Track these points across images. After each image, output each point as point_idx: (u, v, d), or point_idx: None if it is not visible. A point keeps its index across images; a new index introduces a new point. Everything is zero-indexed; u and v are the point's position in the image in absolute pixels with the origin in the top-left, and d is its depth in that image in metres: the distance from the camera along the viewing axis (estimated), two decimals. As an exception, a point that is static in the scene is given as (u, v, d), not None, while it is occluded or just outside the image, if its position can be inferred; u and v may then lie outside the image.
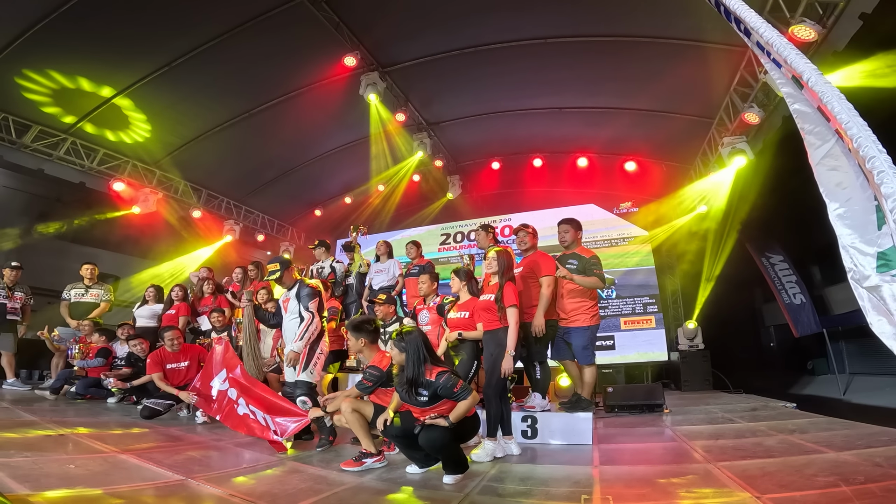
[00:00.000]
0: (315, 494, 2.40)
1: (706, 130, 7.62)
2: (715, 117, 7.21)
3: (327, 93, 7.50)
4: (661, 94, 7.14)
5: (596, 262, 4.09)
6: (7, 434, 3.19)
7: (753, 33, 1.90)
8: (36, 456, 2.66)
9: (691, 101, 7.25)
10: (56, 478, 2.26)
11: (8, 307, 5.83)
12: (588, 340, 4.03)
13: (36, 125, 7.40)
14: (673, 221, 8.79)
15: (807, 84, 1.67)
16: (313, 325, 3.70)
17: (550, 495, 2.50)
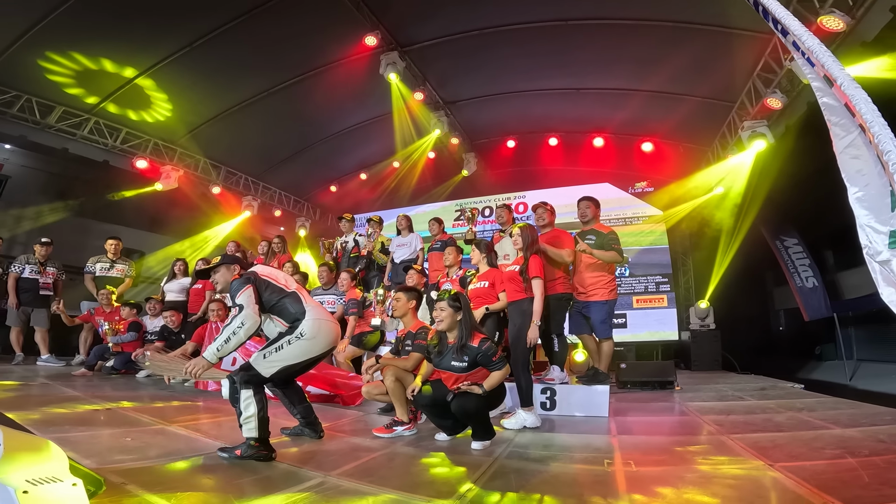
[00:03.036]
0: (354, 459, 2.58)
1: (726, 113, 7.62)
2: (736, 101, 7.20)
3: (344, 72, 7.57)
4: (680, 76, 7.13)
5: (614, 237, 4.23)
6: (57, 410, 3.36)
7: (791, 34, 2.03)
8: (91, 430, 2.84)
9: (711, 85, 7.23)
10: (117, 451, 2.43)
11: (40, 283, 5.99)
12: (606, 314, 4.17)
13: (59, 106, 7.54)
14: (689, 202, 8.83)
15: (838, 87, 1.84)
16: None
17: (574, 459, 2.68)
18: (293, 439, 2.97)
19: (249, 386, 2.58)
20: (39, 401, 3.66)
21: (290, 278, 2.99)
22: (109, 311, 6.02)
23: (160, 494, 1.81)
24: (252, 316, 2.59)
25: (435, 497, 1.98)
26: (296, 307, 2.76)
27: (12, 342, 5.93)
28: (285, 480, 2.16)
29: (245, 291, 2.63)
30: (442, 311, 3.00)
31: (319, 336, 2.75)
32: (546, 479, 2.32)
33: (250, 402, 2.55)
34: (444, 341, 3.07)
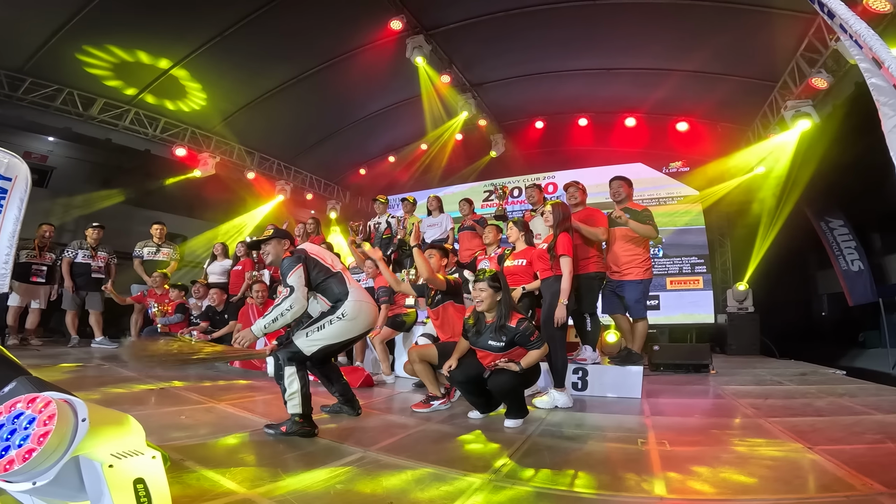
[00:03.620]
0: (391, 435, 2.67)
1: (768, 93, 7.40)
2: (778, 81, 7.00)
3: (371, 56, 7.60)
4: (717, 56, 6.96)
5: (649, 214, 4.16)
6: (115, 389, 3.57)
7: (837, 17, 2.00)
8: (149, 409, 3.02)
9: (751, 64, 7.04)
10: (174, 428, 2.58)
11: (93, 267, 6.24)
12: (641, 294, 4.10)
13: (100, 98, 7.83)
14: (728, 182, 8.55)
15: (886, 69, 1.82)
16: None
17: (607, 438, 2.70)
18: (332, 416, 3.08)
19: (293, 363, 2.68)
20: (97, 381, 3.88)
21: (336, 258, 3.08)
22: (160, 293, 6.31)
23: (215, 470, 1.93)
24: (301, 300, 2.69)
25: (471, 471, 2.05)
26: (340, 288, 2.85)
27: (68, 325, 6.25)
28: (327, 455, 2.26)
29: (296, 271, 2.72)
30: (482, 291, 3.01)
31: (360, 317, 2.84)
32: (579, 456, 2.36)
33: (294, 379, 2.66)
34: (482, 320, 3.09)
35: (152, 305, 6.14)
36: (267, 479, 1.89)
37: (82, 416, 1.07)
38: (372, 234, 6.58)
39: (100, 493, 1.06)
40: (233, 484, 1.79)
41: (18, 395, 1.11)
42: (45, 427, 1.02)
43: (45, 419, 1.03)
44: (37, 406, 1.05)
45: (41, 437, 1.01)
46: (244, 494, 1.70)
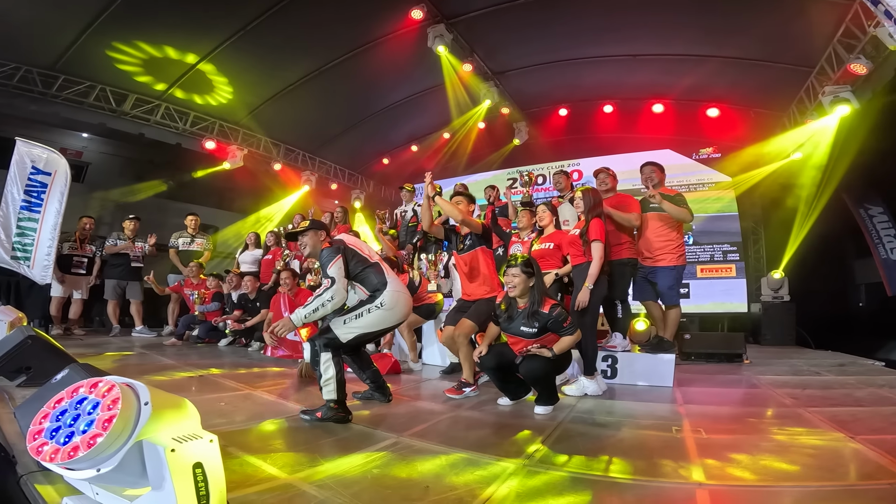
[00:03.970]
0: (423, 421, 2.70)
1: (804, 79, 7.20)
2: (815, 66, 6.84)
3: (393, 46, 7.60)
4: (751, 42, 6.81)
5: (683, 198, 4.06)
6: (157, 377, 3.69)
7: (882, 3, 1.93)
8: (190, 396, 3.07)
9: (786, 51, 6.86)
10: (215, 415, 2.65)
11: (131, 256, 6.45)
12: (674, 280, 4.01)
13: (132, 94, 8.04)
14: (762, 168, 8.27)
15: None
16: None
17: (640, 425, 2.67)
18: (364, 403, 3.13)
19: (328, 349, 2.73)
20: (140, 369, 4.03)
21: (373, 249, 3.12)
22: (196, 282, 6.50)
23: (256, 455, 1.99)
24: (341, 291, 2.74)
25: (504, 456, 2.06)
26: (378, 278, 2.88)
27: (109, 315, 6.50)
28: (362, 441, 2.31)
29: (336, 263, 2.77)
30: (514, 276, 2.99)
31: (397, 307, 2.87)
32: (612, 442, 2.35)
33: (329, 365, 2.71)
34: (514, 306, 3.07)
35: (191, 294, 6.31)
36: (306, 464, 1.93)
37: (144, 400, 1.05)
38: (398, 222, 6.62)
39: (161, 479, 1.04)
40: (274, 469, 1.84)
41: (73, 381, 1.12)
42: (109, 412, 1.00)
43: (109, 403, 1.01)
44: (100, 390, 1.04)
45: (106, 423, 1.00)
46: (285, 479, 1.75)
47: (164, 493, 1.04)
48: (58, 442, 1.01)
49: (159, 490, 1.05)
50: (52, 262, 5.49)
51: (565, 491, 1.73)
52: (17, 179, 5.35)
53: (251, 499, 1.54)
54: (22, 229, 5.33)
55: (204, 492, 1.06)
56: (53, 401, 1.08)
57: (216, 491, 1.09)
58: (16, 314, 3.48)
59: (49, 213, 5.47)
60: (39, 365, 2.80)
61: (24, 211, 5.35)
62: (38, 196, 5.42)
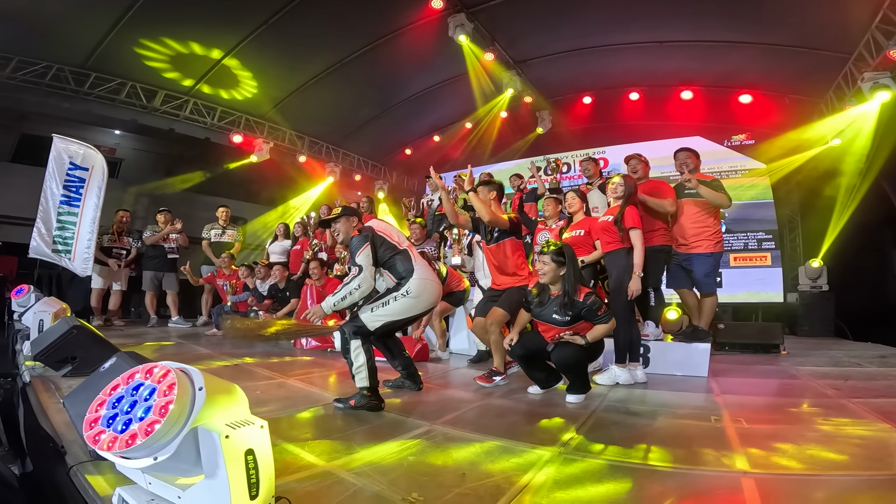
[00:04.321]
0: (454, 409, 2.71)
1: (841, 65, 6.98)
2: (853, 53, 6.62)
3: (413, 37, 7.56)
4: (784, 29, 6.62)
5: (719, 183, 3.94)
6: (195, 367, 3.81)
7: None
8: None
9: (822, 37, 6.65)
10: (252, 403, 2.61)
11: (166, 248, 6.62)
12: (711, 268, 3.90)
13: (161, 90, 8.21)
14: (800, 154, 7.98)
15: None
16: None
17: (677, 415, 2.62)
18: (395, 391, 3.15)
19: (358, 337, 2.74)
20: (178, 359, 4.04)
21: (402, 235, 3.11)
22: (229, 273, 6.64)
23: (294, 443, 2.02)
24: (368, 279, 2.76)
25: (538, 444, 2.05)
26: (405, 265, 2.88)
27: (147, 306, 6.69)
28: (395, 429, 2.32)
29: (364, 251, 2.78)
30: (545, 265, 2.96)
31: (423, 295, 2.86)
32: (649, 431, 2.32)
33: (359, 352, 2.72)
34: (546, 292, 3.03)
35: (224, 284, 6.46)
36: (342, 451, 1.96)
37: (199, 385, 1.04)
38: (425, 210, 6.63)
39: (215, 466, 1.02)
40: (312, 457, 1.87)
41: (122, 370, 1.12)
42: (166, 397, 0.99)
43: (166, 389, 0.99)
44: (156, 376, 1.03)
45: (163, 409, 0.98)
46: (324, 467, 1.77)
47: (218, 481, 1.01)
48: (115, 430, 1.00)
49: (212, 478, 1.03)
50: (91, 254, 5.67)
51: (604, 478, 1.71)
52: (55, 175, 5.54)
53: (292, 486, 1.56)
54: (62, 223, 5.53)
55: (254, 479, 1.05)
56: (109, 387, 1.07)
57: (265, 478, 1.07)
58: (60, 305, 3.60)
59: (88, 207, 5.66)
60: (84, 354, 2.86)
61: (63, 206, 5.54)
62: (77, 191, 5.61)
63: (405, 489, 1.57)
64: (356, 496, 1.52)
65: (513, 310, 3.39)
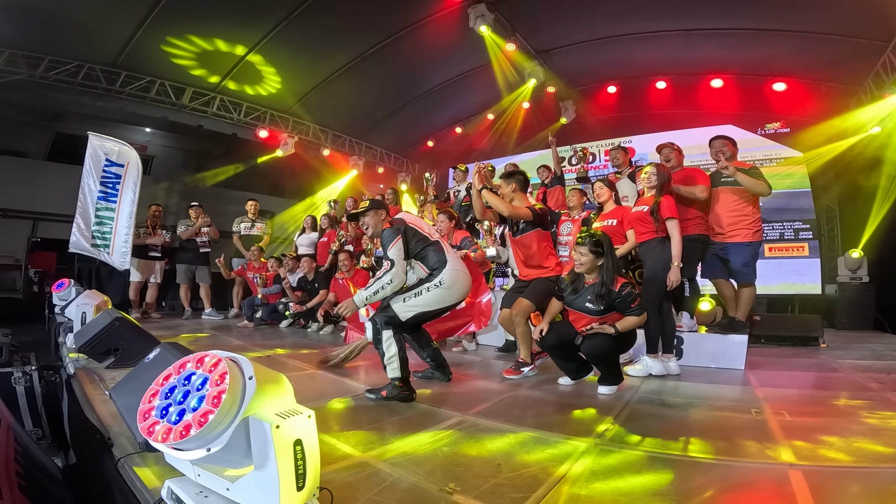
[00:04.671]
0: (485, 400, 2.70)
1: (879, 53, 6.70)
2: (891, 40, 6.40)
3: (433, 28, 7.53)
4: (818, 16, 6.38)
5: (758, 171, 3.79)
6: None
7: None
8: None
9: (859, 24, 6.37)
10: None
11: (198, 242, 6.76)
12: (750, 257, 3.77)
13: (189, 87, 8.37)
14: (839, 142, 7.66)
15: None
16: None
17: (714, 407, 2.57)
18: (424, 382, 3.15)
19: (389, 327, 2.76)
20: (213, 350, 4.22)
21: (432, 227, 3.12)
22: (258, 265, 6.77)
23: (330, 434, 2.04)
24: (400, 274, 2.78)
25: (573, 435, 2.04)
26: (438, 256, 2.89)
27: (182, 298, 6.87)
28: (427, 419, 2.33)
29: (396, 244, 2.79)
30: (582, 255, 2.91)
31: (456, 286, 2.87)
32: (687, 423, 2.27)
33: (391, 343, 2.74)
34: (581, 280, 2.99)
35: (255, 277, 6.59)
36: (377, 442, 1.97)
37: (249, 374, 1.02)
38: (451, 201, 6.61)
39: (265, 457, 1.00)
40: (348, 447, 1.89)
41: (167, 360, 1.12)
42: (218, 387, 0.97)
43: (217, 378, 0.98)
44: (207, 365, 1.02)
45: (216, 398, 0.96)
46: (360, 458, 1.79)
47: (267, 472, 1.00)
48: (169, 420, 0.99)
49: (262, 469, 1.01)
50: (129, 248, 5.83)
51: (644, 469, 1.69)
52: (92, 171, 5.71)
53: (330, 477, 1.58)
54: (100, 218, 5.69)
55: (302, 470, 1.04)
56: (161, 377, 1.07)
57: (312, 469, 1.07)
58: (101, 298, 3.71)
59: (124, 202, 5.81)
60: (126, 346, 2.94)
61: (101, 201, 5.70)
62: (114, 187, 5.76)
63: (441, 480, 1.57)
64: (394, 487, 1.53)
65: (539, 300, 3.36)
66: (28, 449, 2.17)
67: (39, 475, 2.06)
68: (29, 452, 2.14)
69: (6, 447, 1.91)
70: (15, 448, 1.99)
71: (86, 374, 2.80)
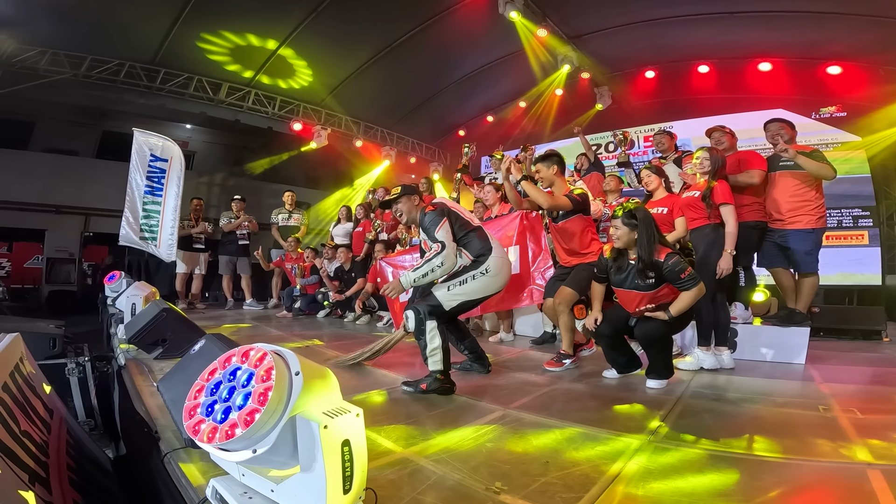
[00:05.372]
0: (527, 394, 2.61)
1: None
2: None
3: (462, 16, 7.40)
4: None
5: (821, 154, 3.53)
6: None
7: None
8: None
9: None
10: None
11: (238, 234, 6.87)
12: (813, 245, 3.52)
13: (225, 82, 8.56)
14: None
15: None
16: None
17: (777, 403, 2.40)
18: (463, 374, 3.07)
19: (433, 317, 2.66)
20: (254, 340, 4.24)
21: (471, 213, 3.02)
22: (296, 256, 6.87)
23: (370, 427, 1.94)
24: (451, 256, 2.67)
25: (623, 432, 1.94)
26: (482, 243, 2.80)
27: (224, 289, 7.06)
28: (468, 413, 2.27)
29: (443, 226, 2.70)
30: (617, 229, 2.76)
31: (501, 274, 2.79)
32: (748, 420, 2.14)
33: (435, 334, 2.64)
34: (625, 257, 2.82)
35: (293, 268, 6.68)
36: (418, 437, 1.92)
37: (295, 370, 0.96)
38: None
39: (312, 459, 0.95)
40: (389, 443, 1.85)
41: (212, 352, 1.06)
42: (264, 383, 0.91)
43: (263, 374, 0.92)
44: (252, 359, 0.96)
45: (262, 396, 0.90)
46: (402, 453, 1.74)
47: (314, 474, 0.95)
48: (215, 419, 0.94)
49: (308, 471, 0.96)
50: (175, 240, 6.01)
51: (705, 468, 1.58)
52: (139, 167, 5.90)
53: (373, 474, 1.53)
54: (147, 212, 5.90)
55: (349, 472, 0.98)
56: (207, 372, 1.03)
57: (359, 470, 1.02)
58: (150, 289, 3.82)
59: (169, 196, 6.00)
60: (174, 337, 2.97)
61: (147, 195, 5.90)
62: (159, 181, 5.95)
63: (487, 478, 1.51)
64: (438, 485, 1.48)
65: (581, 288, 3.24)
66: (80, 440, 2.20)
67: (90, 467, 2.07)
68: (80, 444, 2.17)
69: (58, 439, 1.93)
70: (67, 440, 2.02)
71: (136, 366, 2.86)
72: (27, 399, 1.86)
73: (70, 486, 1.71)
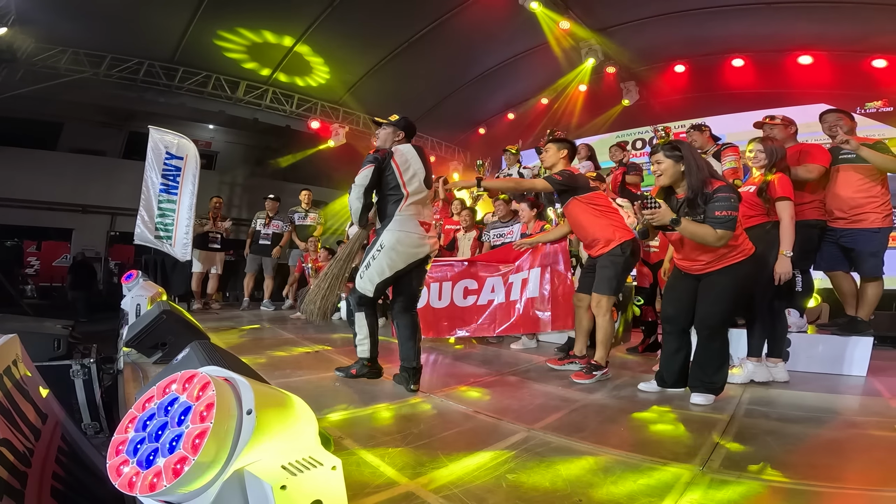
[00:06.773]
0: (554, 411, 2.33)
1: None
2: None
3: (480, 10, 7.21)
4: None
5: (885, 146, 3.15)
6: (279, 353, 3.68)
7: None
8: (307, 374, 2.99)
9: None
10: (328, 396, 2.50)
11: (261, 234, 6.78)
12: (879, 246, 3.16)
13: (242, 80, 8.54)
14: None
15: None
16: None
17: (849, 423, 2.09)
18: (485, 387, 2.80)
19: (361, 308, 2.76)
20: (264, 344, 4.10)
21: (423, 184, 2.81)
22: (316, 255, 6.70)
23: (373, 450, 1.75)
24: (353, 197, 2.79)
25: (670, 459, 1.65)
26: (391, 209, 2.70)
27: (245, 287, 6.96)
28: (486, 434, 1.99)
29: (366, 170, 2.74)
30: (659, 163, 2.44)
31: (398, 247, 2.67)
32: (820, 444, 1.83)
33: (363, 324, 2.77)
34: (672, 197, 2.50)
35: (307, 267, 6.54)
36: (427, 464, 1.66)
37: (247, 408, 0.75)
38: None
39: None
40: (392, 471, 1.59)
41: (193, 365, 0.84)
42: (201, 424, 0.71)
43: (203, 409, 0.72)
44: (193, 390, 0.75)
45: (197, 439, 0.70)
46: (405, 486, 1.49)
47: None
48: (140, 463, 0.73)
49: None
50: (190, 240, 5.92)
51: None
52: (154, 165, 5.82)
53: (367, 515, 1.28)
54: (162, 210, 5.81)
55: None
56: (144, 399, 0.80)
57: None
58: (156, 289, 3.68)
59: (185, 194, 5.90)
60: (175, 341, 2.77)
61: (162, 193, 5.81)
62: (174, 179, 5.86)
63: (507, 523, 1.24)
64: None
65: (614, 287, 2.98)
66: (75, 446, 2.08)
67: (83, 474, 1.95)
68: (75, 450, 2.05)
69: (48, 446, 1.80)
70: (59, 447, 1.90)
71: (132, 371, 2.70)
72: (15, 404, 1.72)
73: (51, 496, 1.54)
